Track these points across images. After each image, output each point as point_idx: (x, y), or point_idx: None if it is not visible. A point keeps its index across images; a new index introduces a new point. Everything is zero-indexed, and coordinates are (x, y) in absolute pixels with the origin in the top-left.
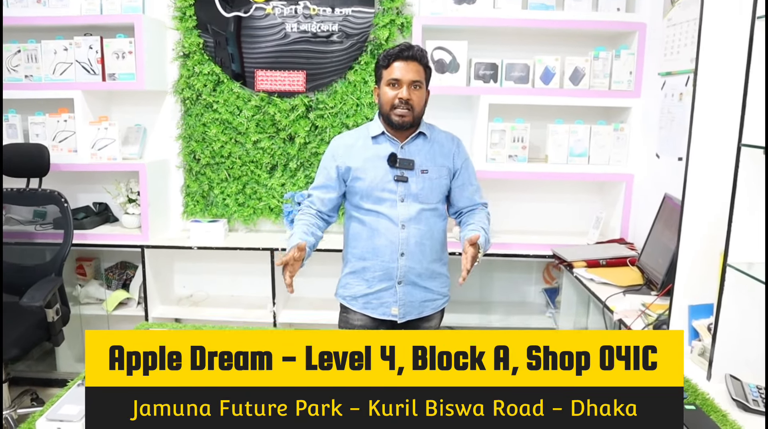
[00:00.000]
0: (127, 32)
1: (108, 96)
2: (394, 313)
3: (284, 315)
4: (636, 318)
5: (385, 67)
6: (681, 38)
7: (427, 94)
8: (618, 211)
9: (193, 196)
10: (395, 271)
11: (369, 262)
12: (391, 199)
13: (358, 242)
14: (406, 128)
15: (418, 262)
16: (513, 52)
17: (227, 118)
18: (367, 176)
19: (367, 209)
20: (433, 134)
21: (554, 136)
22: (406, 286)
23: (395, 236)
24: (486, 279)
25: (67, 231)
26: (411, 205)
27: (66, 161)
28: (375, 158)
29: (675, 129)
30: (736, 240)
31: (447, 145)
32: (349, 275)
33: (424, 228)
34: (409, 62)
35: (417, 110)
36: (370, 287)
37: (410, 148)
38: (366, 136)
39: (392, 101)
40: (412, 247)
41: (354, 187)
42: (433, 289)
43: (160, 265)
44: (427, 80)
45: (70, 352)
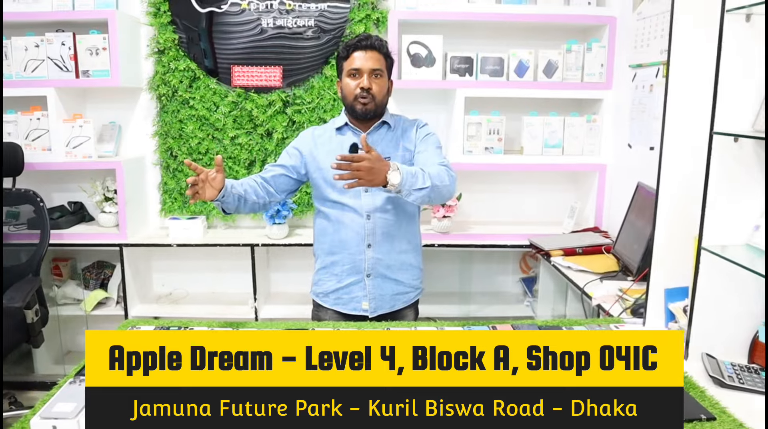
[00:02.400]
0: (100, 28)
1: (82, 93)
2: (364, 307)
3: (265, 310)
4: (614, 303)
5: (345, 59)
6: (651, 31)
7: (390, 83)
8: (592, 200)
9: (170, 193)
10: (363, 264)
11: (337, 256)
12: (354, 189)
13: (325, 237)
14: (369, 118)
15: (386, 254)
16: (488, 45)
17: (204, 115)
18: (329, 166)
19: (333, 201)
20: (397, 123)
21: (529, 128)
22: (376, 279)
23: (361, 227)
24: (464, 270)
25: (44, 231)
26: (376, 195)
27: (40, 160)
28: (338, 149)
29: (646, 119)
30: (709, 224)
31: (408, 131)
32: (320, 271)
33: (392, 218)
34: (368, 51)
35: (378, 98)
36: (339, 282)
37: (373, 137)
38: (331, 129)
39: (354, 91)
40: (379, 238)
41: (317, 178)
42: (404, 282)
43: (138, 263)
44: (389, 69)
45: (48, 355)
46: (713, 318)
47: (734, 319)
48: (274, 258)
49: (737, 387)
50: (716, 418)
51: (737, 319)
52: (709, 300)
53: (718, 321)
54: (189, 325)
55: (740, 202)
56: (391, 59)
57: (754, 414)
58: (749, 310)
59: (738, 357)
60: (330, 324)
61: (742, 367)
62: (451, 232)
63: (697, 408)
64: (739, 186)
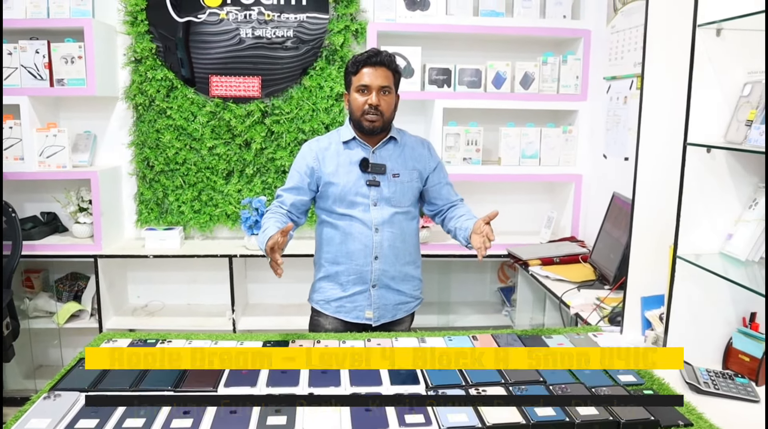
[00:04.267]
0: (75, 36)
1: (56, 102)
2: (368, 316)
3: (243, 322)
4: (592, 312)
5: (354, 74)
6: (624, 44)
7: (396, 98)
8: (568, 210)
9: (147, 203)
10: (369, 275)
11: (342, 267)
12: (363, 204)
13: (330, 247)
14: (376, 133)
15: (391, 265)
16: (465, 57)
17: (181, 124)
18: (340, 181)
19: (340, 213)
20: (403, 139)
21: (506, 139)
22: (380, 290)
23: (369, 240)
24: (443, 280)
25: (15, 242)
26: (384, 209)
27: (12, 170)
28: (347, 163)
29: (621, 131)
30: (684, 233)
31: (418, 149)
32: (323, 280)
33: (397, 231)
34: (377, 68)
35: (387, 115)
36: (344, 291)
37: (381, 153)
38: (338, 141)
39: (362, 107)
40: (386, 250)
41: (327, 191)
42: (405, 292)
43: (113, 275)
44: (396, 85)
45: (19, 369)
46: (689, 325)
47: (709, 326)
48: (252, 269)
49: (713, 393)
50: (693, 423)
51: (712, 326)
52: (685, 308)
53: (693, 328)
54: (167, 337)
55: (714, 212)
56: (399, 74)
57: (730, 419)
58: (723, 317)
59: (713, 364)
60: (322, 334)
61: (717, 374)
62: (429, 242)
63: (674, 414)
64: (713, 195)
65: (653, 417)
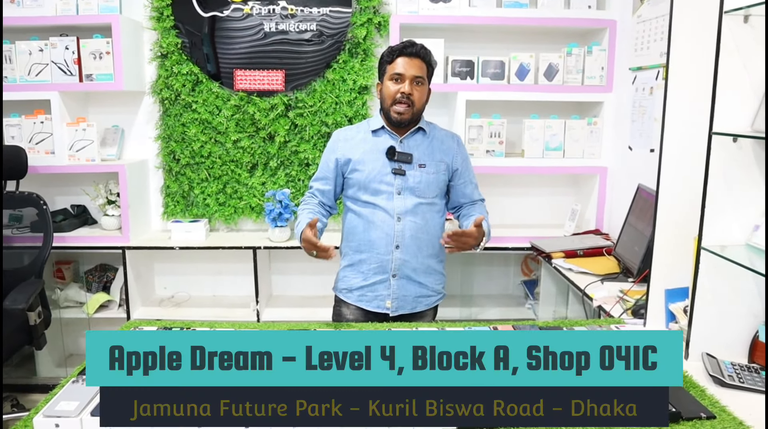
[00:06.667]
0: (104, 32)
1: (85, 97)
2: (387, 306)
3: (267, 313)
4: (615, 304)
5: (389, 63)
6: (650, 34)
7: (428, 91)
8: (593, 203)
9: (173, 196)
10: (390, 264)
11: (365, 255)
12: (387, 192)
13: (354, 235)
14: (404, 125)
15: (413, 256)
16: (488, 49)
17: (207, 118)
18: (365, 168)
19: (364, 201)
20: (432, 131)
21: (530, 131)
22: (401, 280)
23: (390, 228)
24: (466, 272)
25: (47, 234)
26: (408, 198)
27: (43, 163)
28: (374, 151)
29: (646, 122)
30: (709, 224)
31: (447, 142)
32: (347, 268)
33: (421, 222)
34: (412, 58)
35: (417, 106)
36: (365, 280)
37: (409, 143)
38: (366, 130)
39: (394, 95)
40: (408, 241)
41: (352, 178)
42: (427, 285)
43: (140, 266)
44: (429, 77)
45: (50, 357)
46: (713, 318)
47: (734, 319)
48: (275, 261)
49: (737, 386)
50: (716, 416)
51: (737, 318)
52: (709, 300)
53: (718, 321)
54: (191, 326)
55: (739, 202)
56: (433, 67)
57: (754, 413)
58: (749, 309)
59: (738, 357)
60: (343, 324)
61: (742, 367)
62: None
63: (697, 406)
64: (738, 186)
65: (675, 409)
